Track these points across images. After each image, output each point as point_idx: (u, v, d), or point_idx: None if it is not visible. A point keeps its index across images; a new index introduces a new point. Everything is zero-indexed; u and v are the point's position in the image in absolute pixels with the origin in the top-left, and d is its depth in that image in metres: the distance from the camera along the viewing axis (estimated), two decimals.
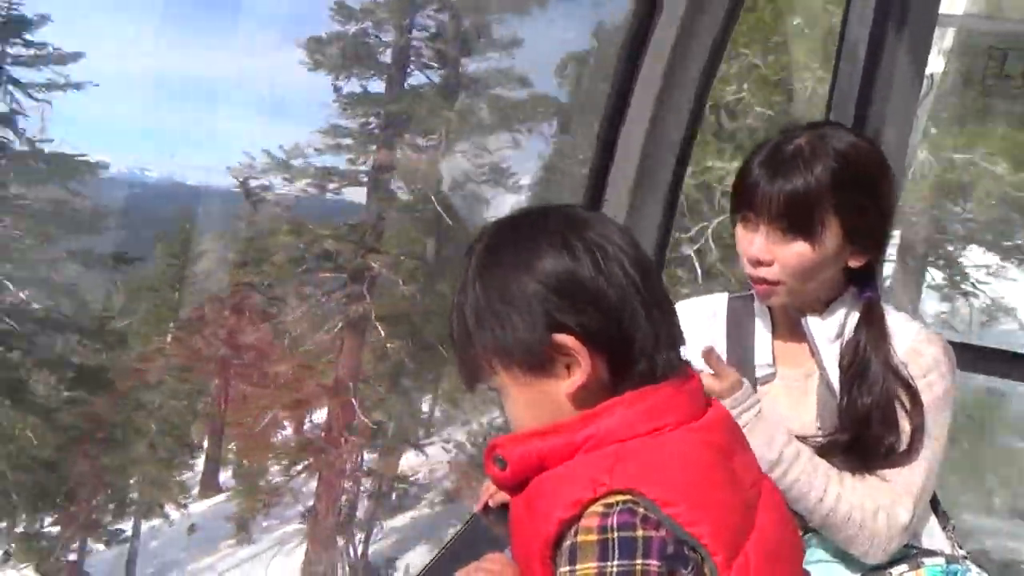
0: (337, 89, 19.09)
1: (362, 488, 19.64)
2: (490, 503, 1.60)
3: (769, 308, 1.63)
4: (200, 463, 24.05)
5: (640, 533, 0.93)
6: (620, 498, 0.95)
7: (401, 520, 20.38)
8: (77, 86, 18.98)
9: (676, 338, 1.07)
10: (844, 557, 1.52)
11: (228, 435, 23.46)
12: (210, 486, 24.34)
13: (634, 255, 1.05)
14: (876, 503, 1.46)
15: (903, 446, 1.48)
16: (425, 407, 21.64)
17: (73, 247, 18.45)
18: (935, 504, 1.63)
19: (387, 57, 19.26)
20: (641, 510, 0.94)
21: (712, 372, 1.49)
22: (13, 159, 18.24)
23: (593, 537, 0.94)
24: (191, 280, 23.05)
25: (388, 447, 19.51)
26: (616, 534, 0.93)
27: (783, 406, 1.58)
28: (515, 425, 1.09)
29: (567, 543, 0.96)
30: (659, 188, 2.15)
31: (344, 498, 19.27)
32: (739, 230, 1.55)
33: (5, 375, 17.17)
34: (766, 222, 1.50)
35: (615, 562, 0.92)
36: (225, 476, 25.25)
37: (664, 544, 0.93)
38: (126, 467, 18.73)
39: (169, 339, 22.20)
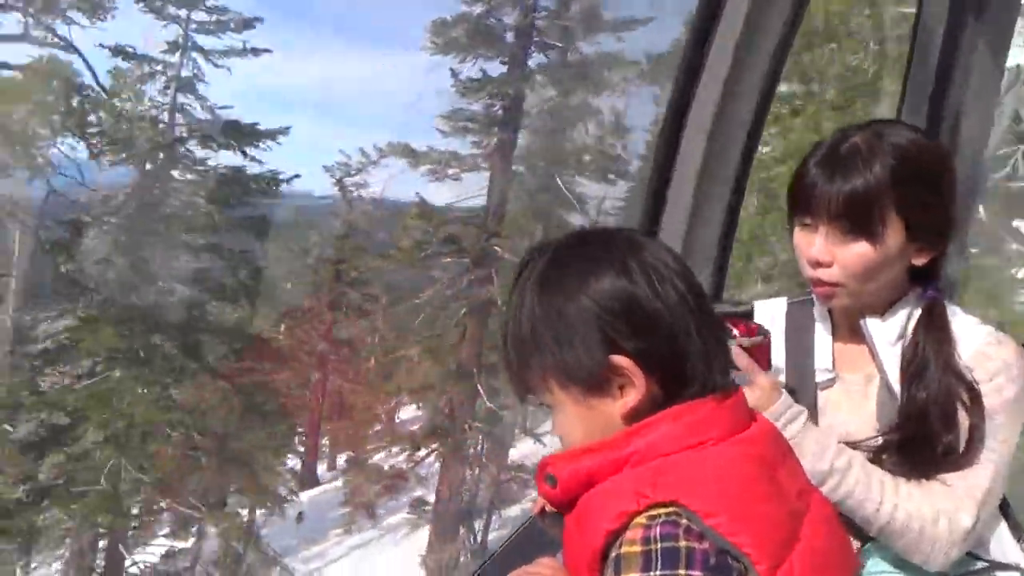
0: (455, 74, 18.88)
1: (482, 476, 19.49)
2: (546, 507, 1.52)
3: (829, 312, 1.60)
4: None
5: (683, 544, 0.94)
6: (663, 510, 0.97)
7: (517, 509, 20.22)
8: (255, 51, 19.08)
9: (727, 362, 1.11)
10: (905, 567, 1.47)
11: (348, 423, 23.41)
12: (307, 478, 24.38)
13: (688, 278, 1.07)
14: (936, 508, 1.42)
15: (962, 446, 1.44)
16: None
17: (248, 214, 18.37)
18: (1007, 513, 1.56)
19: (509, 38, 19.02)
20: (684, 521, 0.96)
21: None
22: (195, 126, 18.23)
23: (637, 548, 0.96)
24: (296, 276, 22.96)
25: (507, 435, 19.32)
26: (659, 545, 0.95)
27: (843, 411, 1.55)
28: (566, 442, 1.11)
29: (612, 554, 0.98)
30: (724, 183, 2.11)
31: (465, 486, 19.12)
32: (797, 232, 1.52)
33: (188, 340, 17.26)
34: (825, 222, 1.46)
35: (658, 572, 0.93)
36: (321, 469, 25.32)
37: (707, 555, 0.94)
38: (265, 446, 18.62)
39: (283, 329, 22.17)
